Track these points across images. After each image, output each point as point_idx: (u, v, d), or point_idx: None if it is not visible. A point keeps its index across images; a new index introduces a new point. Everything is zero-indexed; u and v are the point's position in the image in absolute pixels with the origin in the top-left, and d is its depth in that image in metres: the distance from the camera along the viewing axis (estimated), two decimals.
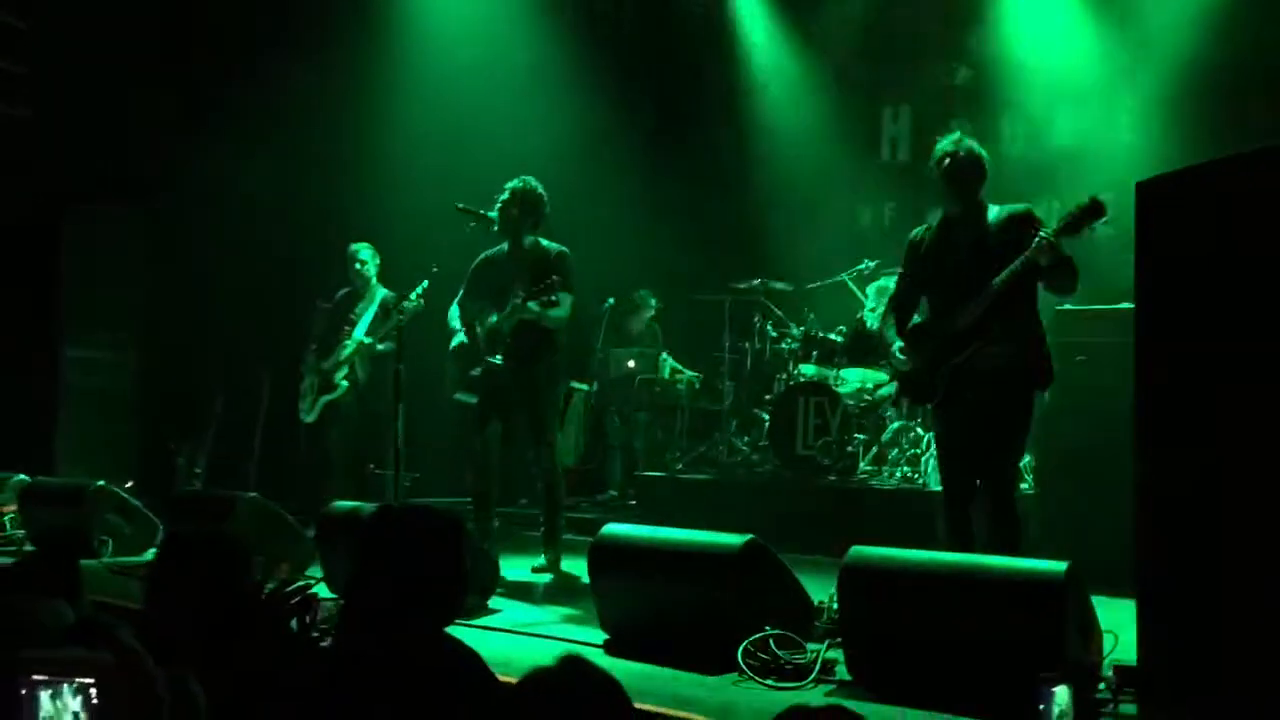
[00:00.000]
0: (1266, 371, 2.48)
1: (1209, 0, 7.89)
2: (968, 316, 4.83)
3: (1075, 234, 4.64)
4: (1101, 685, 3.78)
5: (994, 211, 4.96)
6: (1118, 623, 3.99)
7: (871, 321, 8.07)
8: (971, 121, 9.23)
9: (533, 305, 6.10)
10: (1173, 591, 2.69)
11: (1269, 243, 2.51)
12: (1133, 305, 3.70)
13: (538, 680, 2.04)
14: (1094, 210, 4.59)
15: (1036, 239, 4.64)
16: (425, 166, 9.63)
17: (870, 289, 8.50)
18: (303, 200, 10.02)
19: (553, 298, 6.06)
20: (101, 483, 6.93)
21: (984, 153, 4.99)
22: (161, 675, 2.24)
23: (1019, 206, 4.97)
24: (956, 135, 5.04)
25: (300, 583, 4.30)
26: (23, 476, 7.59)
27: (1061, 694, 2.60)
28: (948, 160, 4.92)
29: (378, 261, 7.89)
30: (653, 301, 9.90)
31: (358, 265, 7.82)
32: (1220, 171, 2.62)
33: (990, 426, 4.83)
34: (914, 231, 5.26)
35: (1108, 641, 3.98)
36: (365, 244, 7.91)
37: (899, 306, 5.29)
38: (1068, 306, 6.23)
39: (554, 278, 6.06)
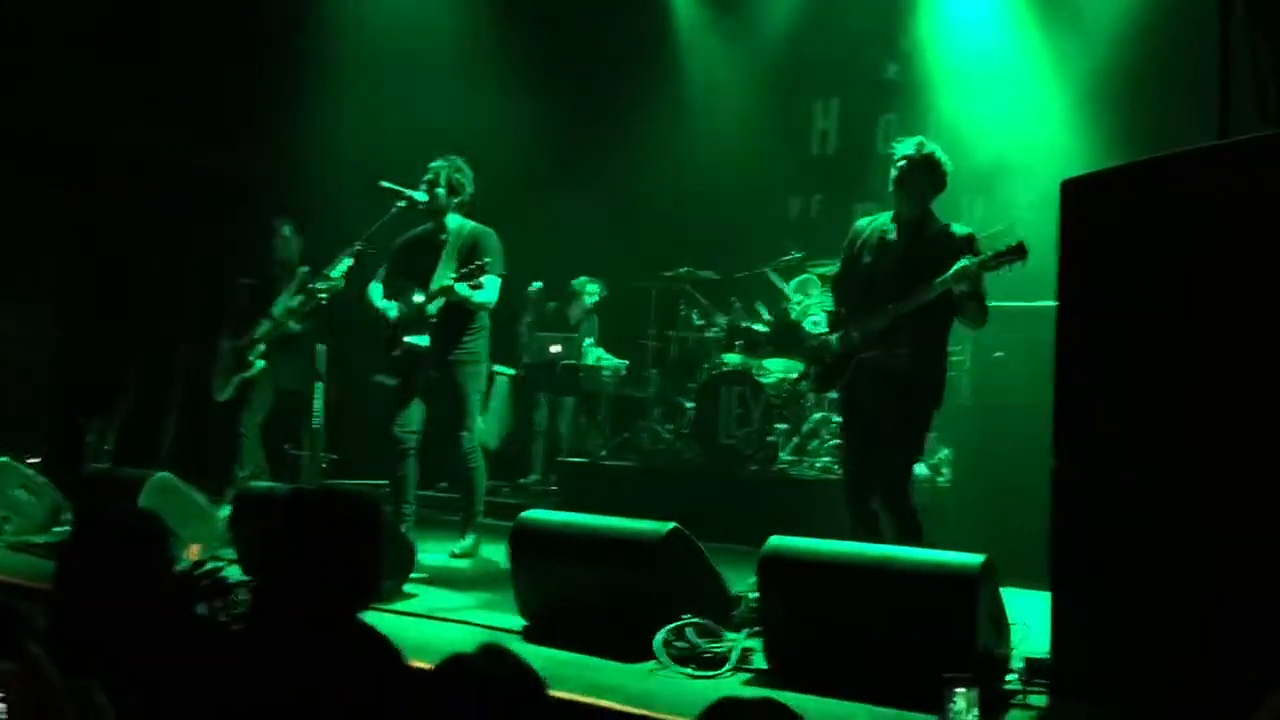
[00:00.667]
0: (1187, 368, 2.53)
1: (1137, 1, 8.03)
2: (882, 320, 4.95)
3: (994, 269, 4.77)
4: (1012, 676, 3.83)
5: (938, 227, 5.02)
6: (1031, 614, 4.05)
7: (795, 313, 8.11)
8: (899, 117, 9.36)
9: (460, 287, 6.03)
10: (1088, 585, 2.73)
11: (1192, 242, 2.55)
12: (1050, 302, 3.77)
13: (456, 667, 2.01)
14: (1018, 252, 4.73)
15: (959, 265, 4.74)
16: (351, 145, 9.48)
17: (794, 282, 8.53)
18: (224, 177, 9.83)
19: (480, 280, 6.00)
20: (5, 458, 6.72)
21: (946, 162, 5.01)
22: (66, 686, 2.15)
23: (964, 230, 5.03)
24: (920, 140, 5.07)
25: (211, 565, 4.20)
26: None
27: (966, 695, 2.61)
28: (904, 164, 4.97)
29: (300, 239, 7.75)
30: (592, 288, 9.81)
31: (279, 242, 7.67)
32: (1146, 171, 2.66)
33: (885, 427, 4.96)
34: (861, 220, 5.35)
35: (1018, 633, 4.05)
36: (288, 221, 7.76)
37: (835, 286, 5.41)
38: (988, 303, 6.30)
39: (485, 259, 5.99)
